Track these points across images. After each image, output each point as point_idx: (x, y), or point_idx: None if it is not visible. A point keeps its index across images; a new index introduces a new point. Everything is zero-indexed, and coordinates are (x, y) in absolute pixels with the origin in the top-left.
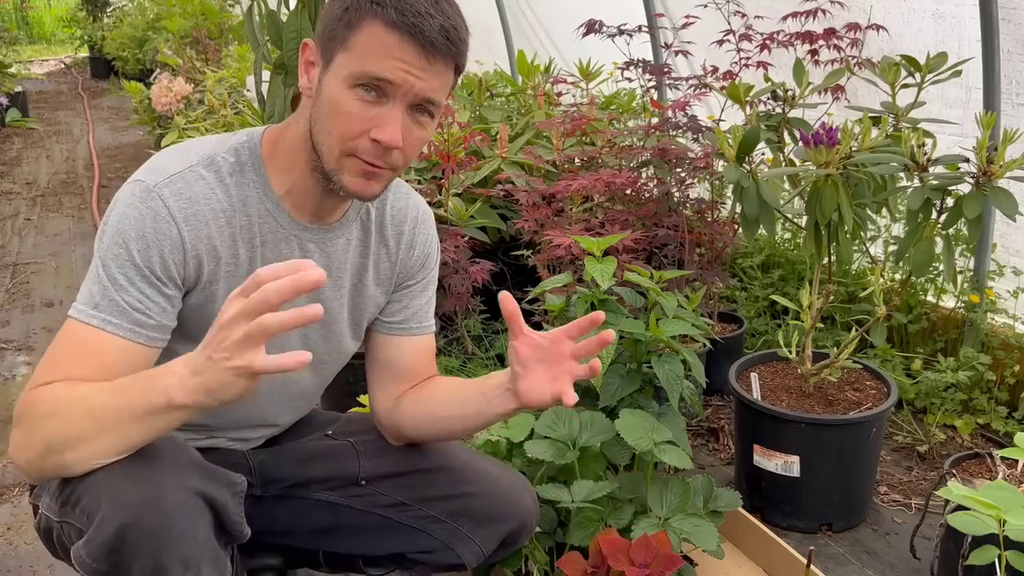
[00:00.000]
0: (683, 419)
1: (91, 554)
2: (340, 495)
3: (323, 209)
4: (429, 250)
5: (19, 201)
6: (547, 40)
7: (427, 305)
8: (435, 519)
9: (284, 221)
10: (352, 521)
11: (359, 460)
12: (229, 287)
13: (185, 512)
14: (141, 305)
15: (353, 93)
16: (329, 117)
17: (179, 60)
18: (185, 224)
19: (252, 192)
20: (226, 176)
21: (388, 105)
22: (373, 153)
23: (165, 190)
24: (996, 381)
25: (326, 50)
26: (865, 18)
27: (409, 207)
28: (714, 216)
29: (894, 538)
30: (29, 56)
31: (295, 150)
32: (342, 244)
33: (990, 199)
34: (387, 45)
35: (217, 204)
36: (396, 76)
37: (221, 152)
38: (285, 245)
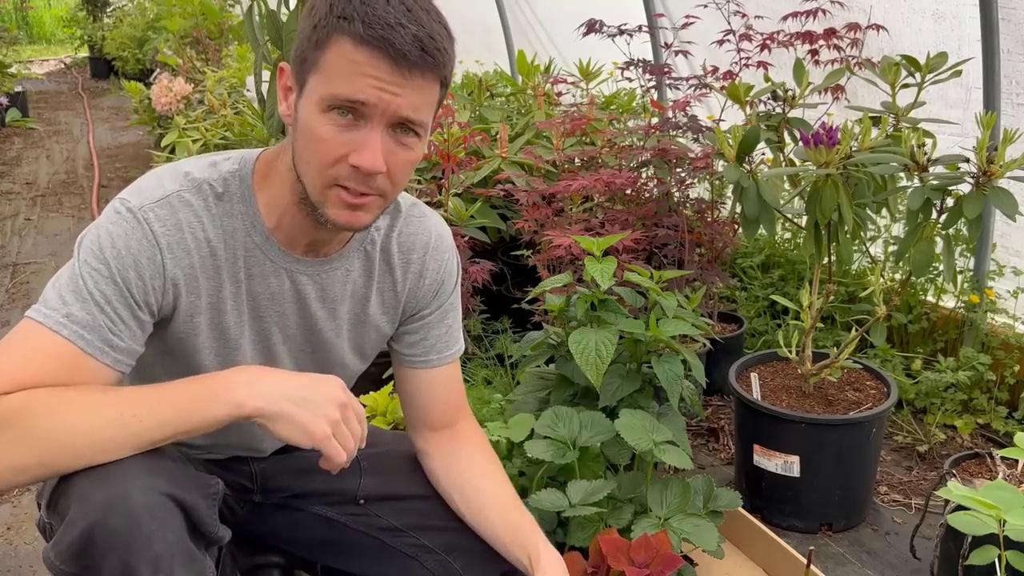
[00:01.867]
0: (683, 419)
1: (59, 555)
2: (337, 511)
3: (317, 242)
4: (442, 278)
5: (19, 201)
6: (547, 40)
7: (447, 335)
8: (428, 549)
9: (273, 254)
10: (347, 539)
11: (361, 476)
12: (212, 320)
13: (152, 513)
14: (114, 326)
15: (327, 118)
16: (307, 146)
17: (179, 60)
18: (168, 252)
19: (239, 224)
20: (213, 206)
21: (366, 128)
22: (355, 179)
23: (151, 214)
24: (996, 381)
25: (299, 74)
26: (865, 18)
27: (420, 232)
28: (714, 216)
29: (894, 538)
30: (29, 56)
31: (283, 181)
32: (340, 276)
33: (990, 199)
34: (357, 62)
35: (201, 234)
36: (369, 96)
37: (210, 179)
38: (274, 279)
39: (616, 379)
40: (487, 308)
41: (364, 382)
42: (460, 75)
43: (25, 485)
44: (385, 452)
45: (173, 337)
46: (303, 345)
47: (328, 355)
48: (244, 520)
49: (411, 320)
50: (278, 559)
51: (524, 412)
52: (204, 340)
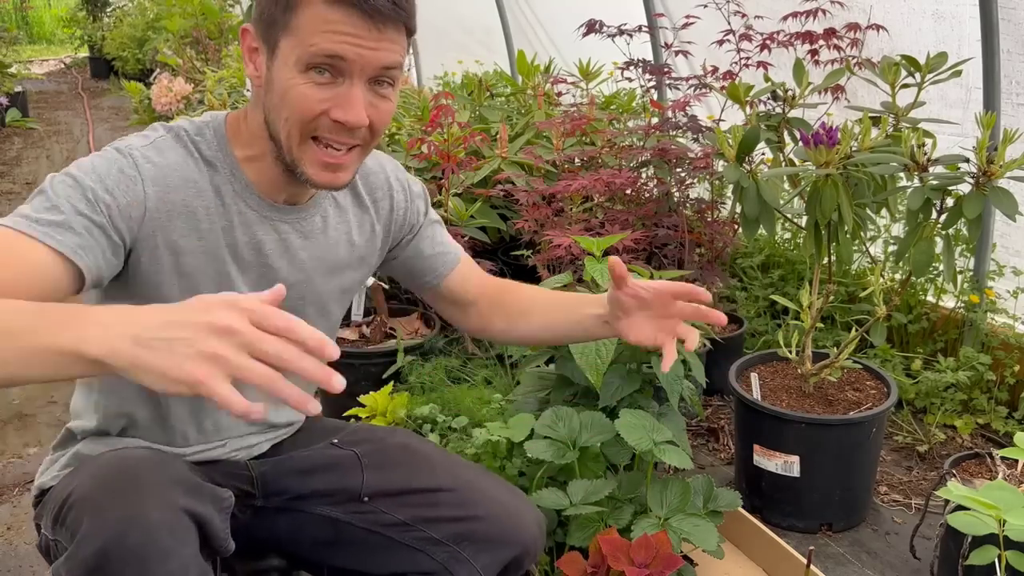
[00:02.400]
0: (683, 419)
1: (71, 572)
2: (341, 511)
3: (293, 196)
4: (407, 205)
5: (19, 201)
6: (547, 40)
7: (439, 247)
8: (437, 541)
9: (255, 203)
10: (353, 538)
11: (363, 473)
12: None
13: (171, 529)
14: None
15: (306, 77)
16: (284, 104)
17: (179, 60)
18: (153, 184)
19: (223, 173)
20: (194, 152)
21: (345, 83)
22: (336, 132)
23: (138, 152)
24: (996, 381)
25: (267, 36)
26: (865, 18)
27: (376, 171)
28: (714, 216)
29: (894, 538)
30: (29, 56)
31: (257, 139)
32: (319, 223)
33: (990, 199)
34: (331, 21)
35: (189, 174)
36: (348, 52)
37: (186, 128)
38: (259, 228)
39: (616, 379)
40: None
41: (364, 382)
42: (460, 75)
43: None
44: (382, 446)
45: (147, 279)
46: (295, 292)
47: (318, 303)
48: (247, 525)
49: (399, 249)
50: (278, 563)
51: (524, 412)
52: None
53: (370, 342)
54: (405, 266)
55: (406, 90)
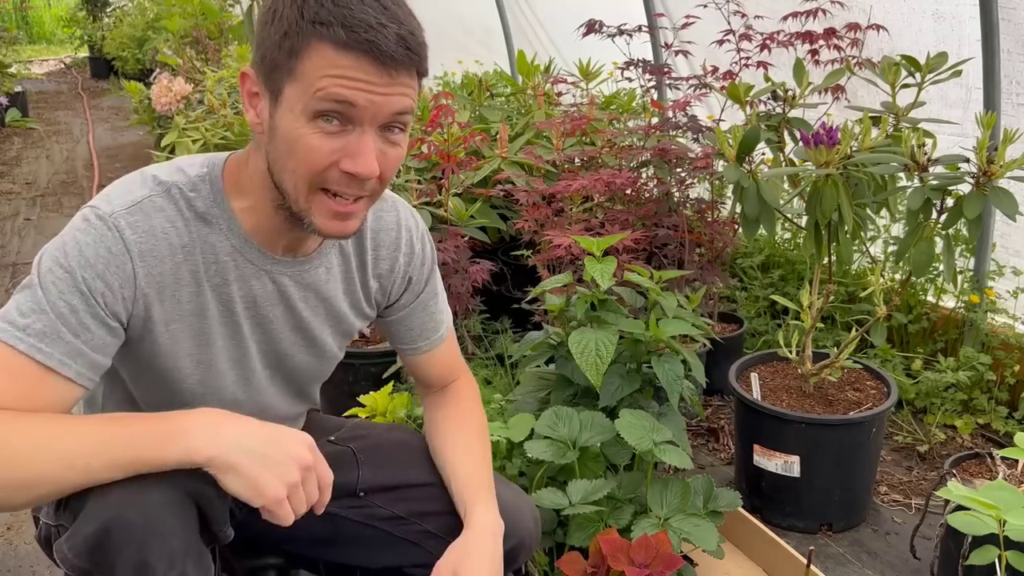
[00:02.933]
0: (683, 419)
1: (73, 548)
2: (338, 506)
3: (296, 242)
4: (411, 274)
5: (19, 201)
6: (547, 40)
7: (430, 321)
8: (432, 534)
9: (254, 257)
10: (349, 532)
11: (359, 469)
12: (192, 327)
13: (171, 508)
14: (77, 338)
15: (313, 126)
16: (290, 155)
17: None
18: (140, 259)
19: (216, 229)
20: (185, 210)
21: (355, 132)
22: (346, 184)
23: (122, 220)
24: (996, 381)
25: (270, 81)
26: (865, 18)
27: (390, 228)
28: (714, 216)
29: (894, 538)
30: (29, 56)
31: (259, 188)
32: (322, 274)
33: (990, 199)
34: (341, 67)
35: (176, 239)
36: (359, 99)
37: (180, 183)
38: (256, 281)
39: (616, 379)
40: (487, 308)
41: (364, 382)
42: (460, 75)
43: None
44: (380, 443)
45: (149, 351)
46: (293, 343)
47: (318, 349)
48: (243, 523)
49: (389, 311)
50: (275, 560)
51: (524, 412)
52: (185, 348)
53: (370, 342)
54: (388, 326)
55: None
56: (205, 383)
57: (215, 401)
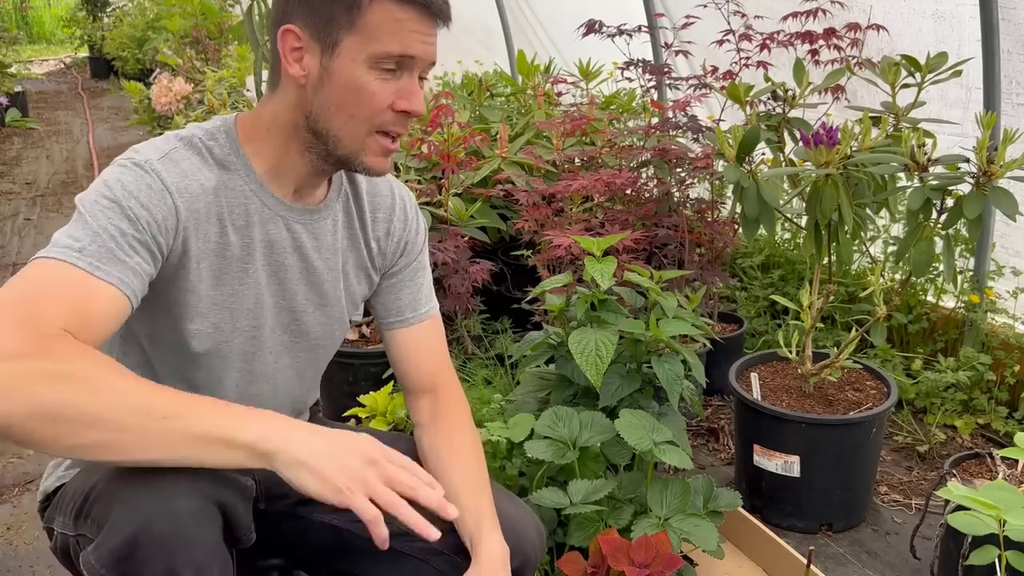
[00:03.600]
0: (683, 419)
1: (100, 559)
2: (343, 519)
3: (305, 187)
4: (407, 238)
5: (19, 201)
6: (547, 40)
7: (419, 293)
8: (437, 551)
9: (269, 201)
10: (355, 546)
11: None
12: (214, 267)
13: (197, 517)
14: (130, 259)
15: (375, 73)
16: (351, 101)
17: (179, 60)
18: (179, 196)
19: (236, 173)
20: (207, 156)
21: (406, 76)
22: (399, 123)
23: (157, 164)
24: (996, 381)
25: (325, 34)
26: (865, 18)
27: (384, 193)
28: (714, 216)
29: (894, 538)
30: (29, 56)
31: (280, 134)
32: (329, 226)
33: (990, 199)
34: (401, 20)
35: (206, 182)
36: (417, 50)
37: (198, 135)
38: (272, 225)
39: (616, 379)
40: (487, 308)
41: (364, 382)
42: (460, 75)
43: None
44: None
45: (177, 288)
46: (307, 299)
47: (331, 309)
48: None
49: (383, 278)
50: (277, 560)
51: (524, 412)
52: (206, 287)
53: (370, 342)
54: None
55: None
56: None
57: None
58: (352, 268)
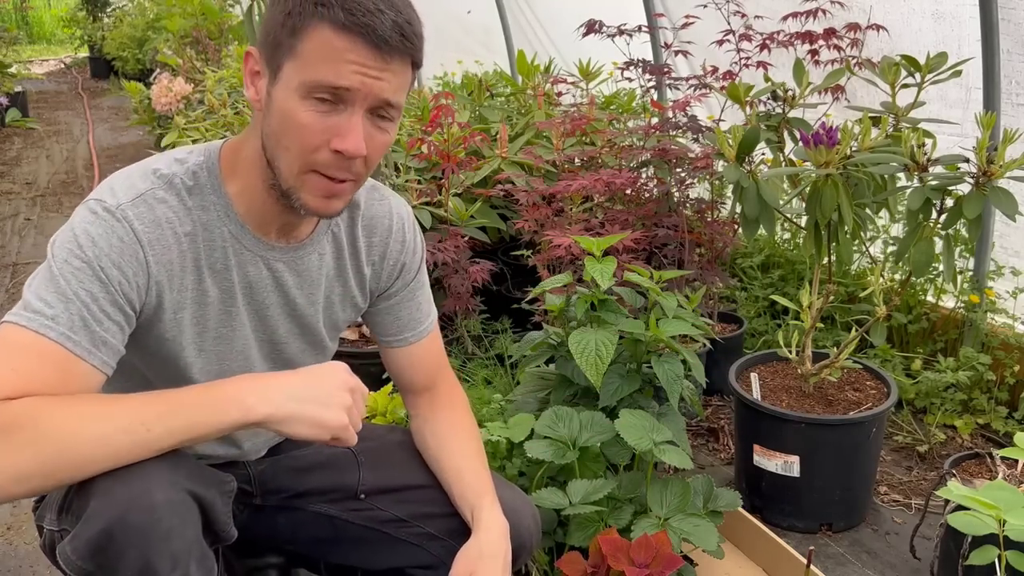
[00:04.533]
0: (683, 419)
1: (76, 551)
2: (339, 508)
3: (288, 226)
4: (404, 260)
5: (19, 201)
6: (547, 40)
7: (417, 312)
8: (433, 536)
9: (249, 243)
10: (350, 535)
11: (359, 471)
12: (196, 315)
13: (174, 509)
14: (100, 325)
15: (307, 104)
16: (284, 132)
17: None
18: (150, 248)
19: (213, 215)
20: (187, 199)
21: (346, 112)
22: (335, 165)
23: (129, 212)
24: (996, 381)
25: (271, 59)
26: (865, 18)
27: (382, 215)
28: (714, 216)
29: (894, 538)
30: (29, 56)
31: (252, 168)
32: (314, 260)
33: (990, 199)
34: (338, 49)
35: (180, 228)
36: (352, 81)
37: (180, 174)
38: (252, 267)
39: (616, 379)
40: (487, 308)
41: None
42: (460, 75)
43: (22, 497)
44: (380, 445)
45: (159, 338)
46: (288, 331)
47: (312, 337)
48: (245, 524)
49: (380, 300)
50: (275, 559)
51: (524, 412)
52: (189, 336)
53: (370, 342)
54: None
55: None
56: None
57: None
58: (337, 297)
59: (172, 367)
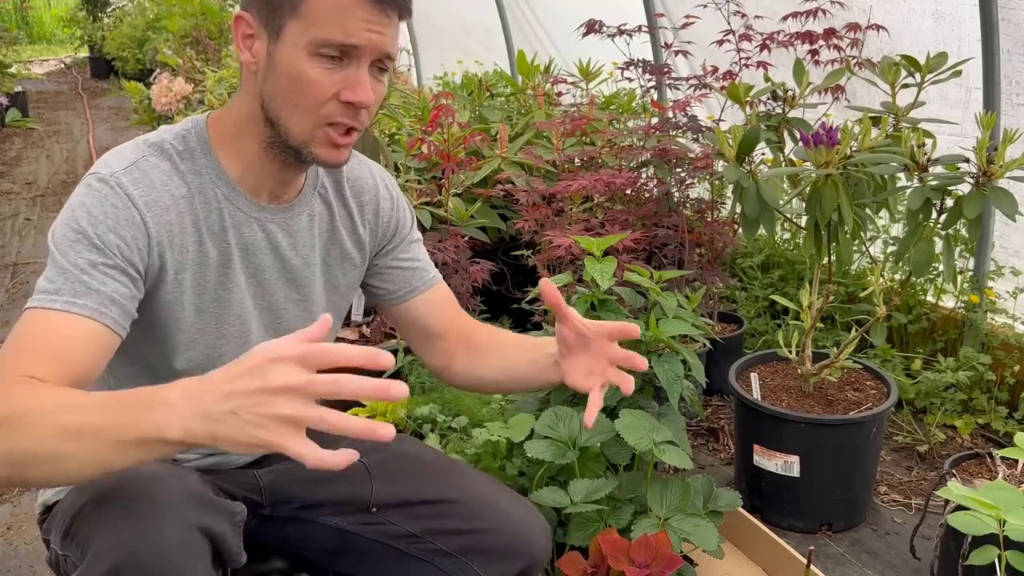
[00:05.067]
0: (683, 419)
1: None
2: (349, 522)
3: (281, 186)
4: (398, 215)
5: (19, 201)
6: (547, 40)
7: (419, 264)
8: (445, 553)
9: (242, 204)
10: (360, 548)
11: (372, 483)
12: (195, 277)
13: (184, 547)
14: (105, 287)
15: (315, 61)
16: (292, 90)
17: (179, 60)
18: (148, 210)
19: (206, 178)
20: (179, 163)
21: (352, 66)
22: (346, 115)
23: (124, 178)
24: (996, 381)
25: (270, 20)
26: (865, 18)
27: (364, 176)
28: (714, 216)
29: (894, 538)
30: (29, 56)
31: (243, 131)
32: (305, 221)
33: (990, 199)
34: (343, 7)
35: (176, 190)
36: (360, 38)
37: (169, 140)
38: (247, 229)
39: None
40: (487, 308)
41: None
42: (460, 75)
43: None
44: (391, 455)
45: (161, 300)
46: (286, 297)
47: (310, 304)
48: (253, 531)
49: (380, 256)
50: (281, 564)
51: (524, 412)
52: (189, 297)
53: (370, 342)
54: (381, 275)
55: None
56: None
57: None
58: (335, 260)
59: (171, 331)
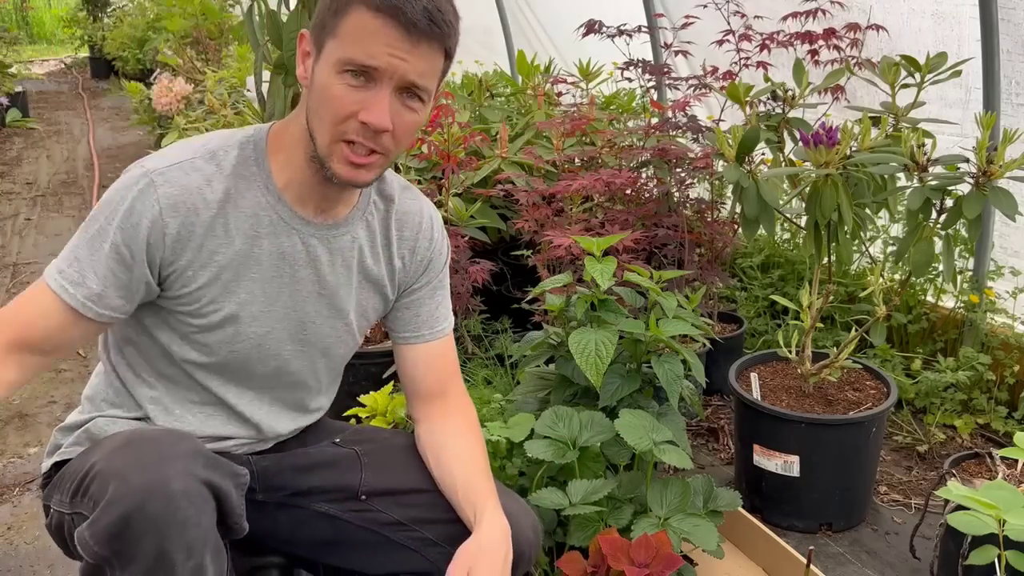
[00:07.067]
0: (683, 419)
1: (94, 536)
2: (339, 508)
3: (325, 201)
4: (431, 256)
5: (19, 201)
6: (547, 40)
7: (437, 311)
8: (432, 542)
9: (285, 214)
10: (349, 536)
11: (362, 472)
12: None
13: (190, 499)
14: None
15: (341, 79)
16: (320, 103)
17: (179, 60)
18: (172, 211)
19: (254, 185)
20: (227, 168)
21: (375, 89)
22: (363, 135)
23: (159, 177)
24: (996, 381)
25: (318, 39)
26: (865, 18)
27: (414, 212)
28: (714, 216)
29: (894, 538)
30: (29, 56)
31: (296, 142)
32: (347, 241)
33: (990, 199)
34: (370, 30)
35: (211, 195)
36: (381, 61)
37: (225, 146)
38: (286, 238)
39: (616, 379)
40: (487, 308)
41: (364, 382)
42: (460, 75)
43: None
44: (383, 446)
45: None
46: (317, 312)
47: (341, 321)
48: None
49: (404, 295)
50: (277, 559)
51: (524, 412)
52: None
53: (370, 342)
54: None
55: None
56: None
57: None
58: (368, 285)
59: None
